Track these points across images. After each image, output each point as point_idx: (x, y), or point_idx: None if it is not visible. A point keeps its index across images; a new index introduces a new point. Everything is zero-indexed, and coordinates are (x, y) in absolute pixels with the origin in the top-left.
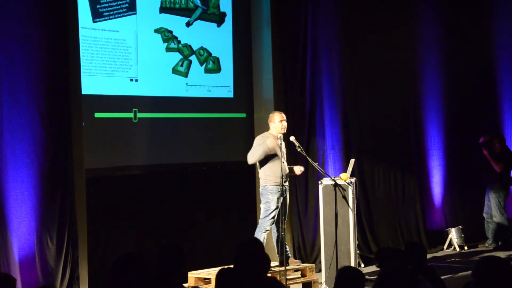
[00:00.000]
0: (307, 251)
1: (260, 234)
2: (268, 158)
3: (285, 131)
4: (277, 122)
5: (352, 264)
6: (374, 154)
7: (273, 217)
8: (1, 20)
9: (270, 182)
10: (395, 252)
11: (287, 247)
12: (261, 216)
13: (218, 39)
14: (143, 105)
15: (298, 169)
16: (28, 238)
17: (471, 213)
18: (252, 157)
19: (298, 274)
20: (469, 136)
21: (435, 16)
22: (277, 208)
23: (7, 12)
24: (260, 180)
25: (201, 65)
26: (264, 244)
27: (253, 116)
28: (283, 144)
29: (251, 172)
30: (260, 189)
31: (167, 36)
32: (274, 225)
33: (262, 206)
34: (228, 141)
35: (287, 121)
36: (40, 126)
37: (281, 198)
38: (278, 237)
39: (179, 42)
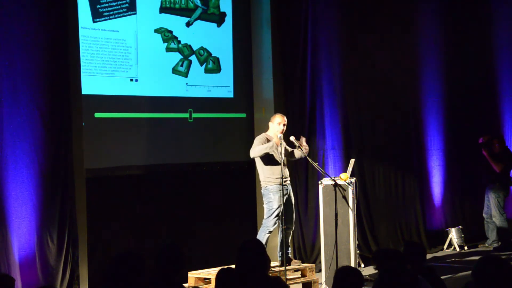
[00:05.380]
0: (307, 251)
1: (264, 235)
2: (267, 160)
3: (281, 134)
4: (275, 124)
5: (352, 264)
6: (374, 154)
7: (276, 216)
8: (1, 20)
9: (270, 183)
10: (392, 253)
11: (289, 247)
12: (265, 216)
13: (218, 39)
14: (143, 105)
15: (299, 149)
16: (28, 238)
17: (471, 213)
18: (259, 152)
19: (298, 274)
20: (469, 136)
21: (435, 16)
22: (279, 206)
23: (7, 12)
24: (261, 182)
25: (201, 65)
26: (266, 245)
27: (253, 116)
28: (284, 145)
29: (251, 172)
30: (262, 190)
31: (167, 36)
32: (280, 227)
33: (265, 206)
34: (228, 141)
35: (287, 121)
36: (41, 126)
37: (283, 198)
38: (282, 238)
39: (179, 42)
